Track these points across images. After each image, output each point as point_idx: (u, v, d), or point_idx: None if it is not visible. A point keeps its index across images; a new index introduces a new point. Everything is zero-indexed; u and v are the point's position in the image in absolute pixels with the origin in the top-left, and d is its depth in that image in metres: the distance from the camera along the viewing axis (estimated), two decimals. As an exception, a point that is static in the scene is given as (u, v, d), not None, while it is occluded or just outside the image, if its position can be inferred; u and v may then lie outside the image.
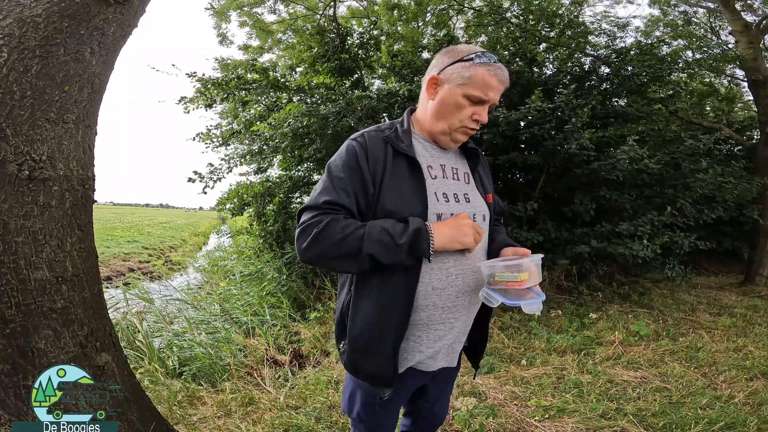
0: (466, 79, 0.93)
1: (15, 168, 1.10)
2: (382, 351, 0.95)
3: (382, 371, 0.97)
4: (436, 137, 1.02)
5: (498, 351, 3.08)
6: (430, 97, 1.00)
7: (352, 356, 0.99)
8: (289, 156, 5.41)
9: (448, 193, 1.00)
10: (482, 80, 0.92)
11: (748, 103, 8.22)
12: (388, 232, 0.87)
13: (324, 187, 0.95)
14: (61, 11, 1.15)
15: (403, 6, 8.05)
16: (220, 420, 2.11)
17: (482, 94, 0.93)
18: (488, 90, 0.93)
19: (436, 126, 1.00)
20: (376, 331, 0.95)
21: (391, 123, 1.05)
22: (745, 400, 2.30)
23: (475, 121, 0.96)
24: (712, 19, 7.05)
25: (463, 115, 0.96)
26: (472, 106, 0.95)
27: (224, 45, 8.36)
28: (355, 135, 1.01)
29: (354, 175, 0.93)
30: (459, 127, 0.98)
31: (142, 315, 3.68)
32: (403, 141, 0.98)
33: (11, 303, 1.12)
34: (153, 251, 10.90)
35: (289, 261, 5.14)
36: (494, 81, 0.93)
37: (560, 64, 5.47)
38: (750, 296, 4.96)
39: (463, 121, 0.96)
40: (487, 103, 0.95)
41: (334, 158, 0.99)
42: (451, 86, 0.95)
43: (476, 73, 0.92)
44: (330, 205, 0.91)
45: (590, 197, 4.24)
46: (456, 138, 1.00)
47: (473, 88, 0.93)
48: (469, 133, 1.00)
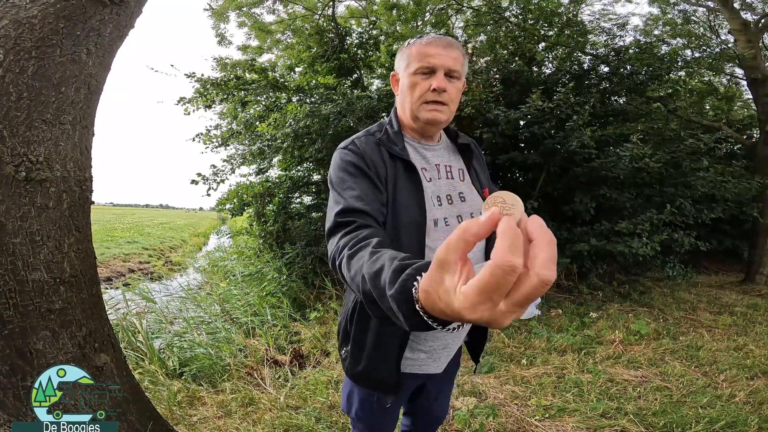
0: (407, 58, 0.96)
1: (12, 169, 1.10)
2: (386, 360, 0.95)
3: (386, 378, 0.97)
4: (412, 125, 1.00)
5: (498, 350, 3.08)
6: (396, 93, 1.03)
7: (354, 364, 0.99)
8: (290, 156, 5.42)
9: (442, 196, 0.98)
10: (419, 52, 0.93)
11: (748, 101, 8.21)
12: (374, 298, 0.68)
13: (332, 203, 0.89)
14: (57, 12, 1.15)
15: (402, 6, 8.05)
16: (220, 420, 2.11)
17: (424, 63, 0.93)
18: (428, 58, 0.92)
19: (405, 115, 1.00)
20: (380, 341, 0.95)
21: (379, 124, 1.04)
22: (745, 399, 2.30)
23: (435, 92, 0.93)
24: (711, 17, 7.04)
25: (419, 91, 0.94)
26: (426, 80, 0.94)
27: (223, 45, 8.35)
28: (344, 143, 0.98)
29: (357, 175, 0.90)
30: (420, 103, 0.95)
31: (143, 315, 3.68)
32: (397, 144, 0.97)
33: (9, 304, 1.11)
34: (153, 252, 10.90)
35: (289, 261, 5.14)
36: (430, 48, 0.93)
37: (559, 63, 5.46)
38: (750, 295, 4.96)
39: (422, 95, 0.94)
40: (438, 69, 0.92)
41: (331, 174, 0.95)
42: (402, 74, 0.98)
43: (411, 51, 0.95)
44: (343, 215, 0.82)
45: (590, 196, 4.23)
46: (423, 116, 0.96)
47: (415, 63, 0.94)
48: (436, 108, 0.95)
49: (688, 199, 4.24)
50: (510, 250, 0.32)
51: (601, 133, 4.44)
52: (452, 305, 0.39)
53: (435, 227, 0.95)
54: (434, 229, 0.94)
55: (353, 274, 0.65)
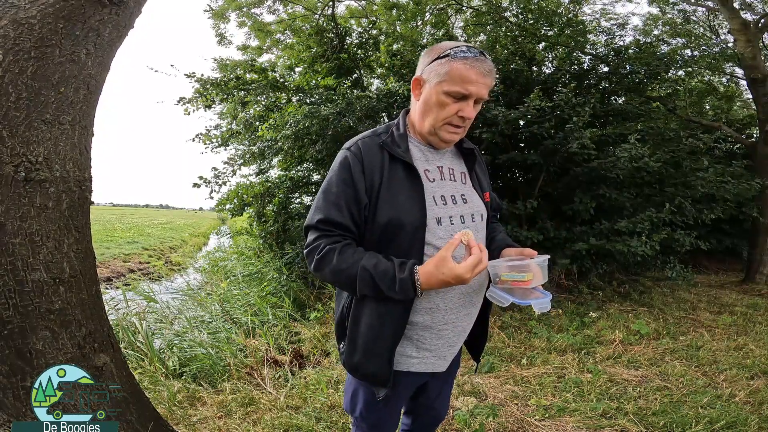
0: (444, 75, 0.90)
1: (11, 170, 1.10)
2: (379, 353, 0.97)
3: (378, 372, 0.99)
4: (426, 137, 1.01)
5: (498, 350, 3.08)
6: (416, 98, 1.00)
7: (351, 357, 1.01)
8: (290, 157, 5.42)
9: (446, 196, 1.00)
10: (459, 75, 0.89)
11: (748, 101, 8.21)
12: (376, 283, 0.89)
13: (317, 205, 0.98)
14: (56, 13, 1.15)
15: (401, 5, 8.05)
16: (220, 420, 2.11)
17: (461, 89, 0.90)
18: (467, 84, 0.89)
19: (423, 126, 0.99)
20: (374, 334, 0.97)
21: (387, 126, 1.05)
22: (745, 398, 2.30)
23: (461, 118, 0.93)
24: (711, 17, 7.04)
25: (446, 113, 0.93)
26: (456, 103, 0.92)
27: (223, 45, 8.38)
28: (349, 143, 1.00)
29: (347, 190, 0.94)
30: (443, 124, 0.95)
31: (143, 316, 3.68)
32: (400, 146, 0.98)
33: (9, 304, 1.11)
34: (153, 252, 10.90)
35: (290, 261, 5.14)
36: (472, 74, 0.89)
37: (559, 63, 5.46)
38: (750, 294, 4.96)
39: (447, 118, 0.94)
40: (470, 98, 0.91)
41: (329, 173, 1.00)
42: (432, 85, 0.93)
43: (453, 68, 0.89)
44: (324, 224, 0.95)
45: (590, 196, 4.23)
46: (443, 136, 0.97)
47: (451, 84, 0.90)
48: (456, 131, 0.97)
49: (688, 199, 4.24)
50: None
51: (601, 133, 4.44)
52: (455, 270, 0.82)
53: (439, 225, 0.97)
54: (438, 228, 0.97)
55: (347, 265, 0.90)
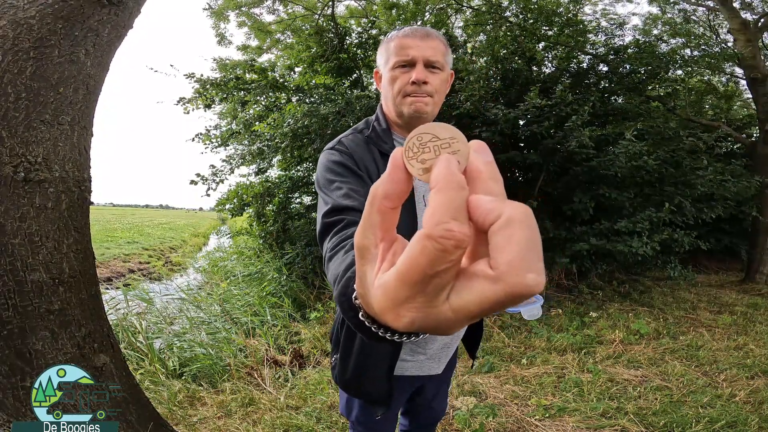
0: (386, 55, 0.94)
1: (11, 170, 1.10)
2: (375, 371, 0.92)
3: (375, 392, 0.93)
4: (399, 123, 0.98)
5: (498, 350, 3.08)
6: (380, 90, 1.00)
7: (343, 374, 0.95)
8: (289, 156, 5.42)
9: (427, 196, 0.96)
10: (398, 46, 0.91)
11: (747, 101, 8.21)
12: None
13: (320, 204, 0.87)
14: (55, 13, 1.15)
15: (401, 5, 8.04)
16: (220, 420, 2.11)
17: (402, 56, 0.91)
18: (405, 50, 0.90)
19: (390, 110, 0.97)
20: (369, 354, 0.91)
21: (366, 121, 1.01)
22: (745, 398, 2.30)
23: (414, 84, 0.91)
24: (711, 17, 7.04)
25: (399, 85, 0.92)
26: (406, 73, 0.92)
27: (222, 45, 8.36)
28: (330, 144, 0.95)
29: (344, 174, 0.86)
30: (401, 97, 0.93)
31: (143, 316, 3.68)
32: (386, 142, 0.95)
33: (8, 305, 1.11)
34: (153, 252, 10.89)
35: (289, 261, 5.14)
36: (407, 40, 0.90)
37: (559, 63, 5.46)
38: (750, 294, 4.96)
39: (401, 89, 0.92)
40: (416, 62, 0.90)
41: (317, 174, 0.92)
42: (385, 70, 0.95)
43: (389, 45, 0.93)
44: (331, 215, 0.79)
45: (589, 196, 4.23)
46: (406, 111, 0.93)
47: (393, 57, 0.92)
48: (417, 100, 0.92)
49: (688, 198, 4.24)
50: (448, 210, 0.21)
51: (600, 132, 4.44)
52: (372, 307, 0.26)
53: None
54: None
55: (329, 278, 0.59)
